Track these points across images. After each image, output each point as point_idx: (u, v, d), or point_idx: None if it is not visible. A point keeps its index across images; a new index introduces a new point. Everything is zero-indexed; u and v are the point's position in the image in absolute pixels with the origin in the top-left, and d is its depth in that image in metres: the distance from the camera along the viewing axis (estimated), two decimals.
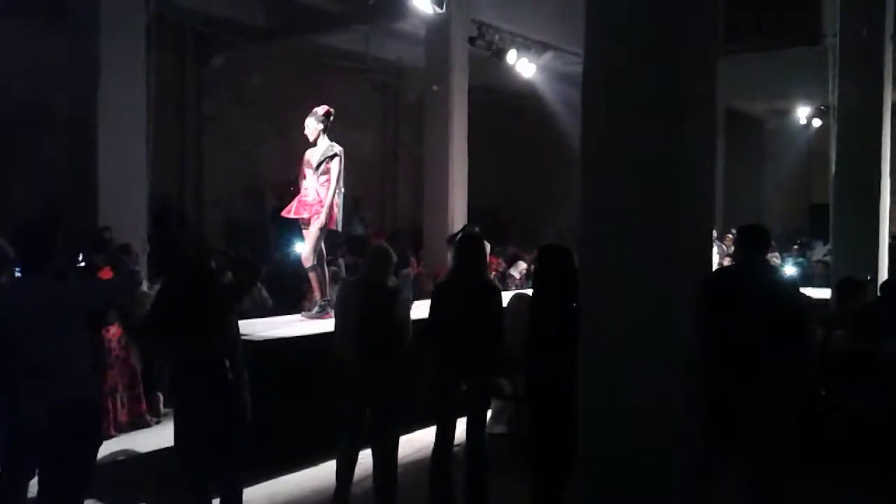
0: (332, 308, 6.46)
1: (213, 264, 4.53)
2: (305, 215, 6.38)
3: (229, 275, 5.29)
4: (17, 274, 4.11)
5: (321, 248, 6.47)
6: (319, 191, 6.35)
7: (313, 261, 6.42)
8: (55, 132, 9.64)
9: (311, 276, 6.54)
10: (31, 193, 10.14)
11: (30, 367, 3.69)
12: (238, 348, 4.22)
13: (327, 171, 6.34)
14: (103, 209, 8.38)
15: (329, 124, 6.43)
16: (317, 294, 6.63)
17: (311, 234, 6.38)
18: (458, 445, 4.90)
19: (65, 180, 9.27)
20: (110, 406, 6.46)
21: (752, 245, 4.47)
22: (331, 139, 6.46)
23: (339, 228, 6.61)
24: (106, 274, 6.80)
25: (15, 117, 10.16)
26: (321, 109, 6.42)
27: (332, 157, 6.36)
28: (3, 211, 8.87)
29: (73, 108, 8.93)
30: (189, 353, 4.07)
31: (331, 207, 6.32)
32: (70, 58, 8.80)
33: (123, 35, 8.53)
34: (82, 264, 4.07)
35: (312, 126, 6.40)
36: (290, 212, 6.46)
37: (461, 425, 4.81)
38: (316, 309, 6.56)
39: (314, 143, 6.43)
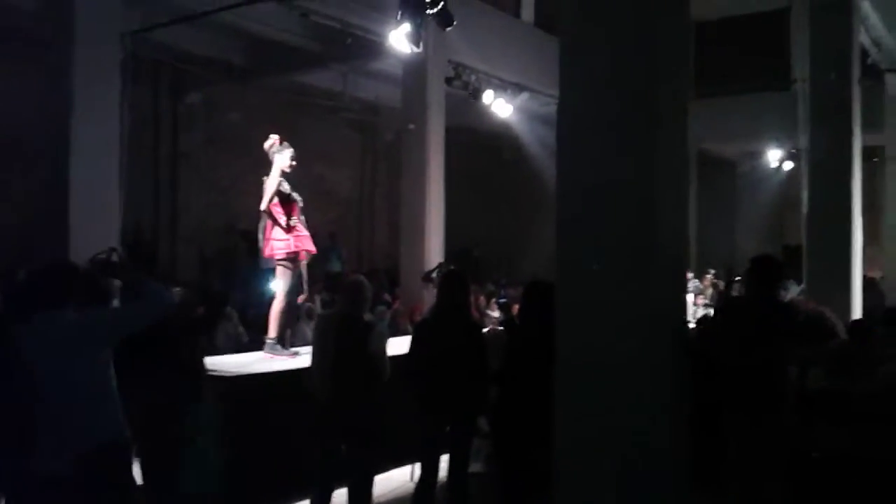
0: (280, 346, 6.32)
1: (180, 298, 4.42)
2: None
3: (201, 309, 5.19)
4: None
5: (282, 283, 6.34)
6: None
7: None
8: (27, 168, 9.53)
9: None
10: (2, 229, 9.99)
11: (53, 410, 3.45)
12: (201, 385, 4.10)
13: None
14: (74, 245, 8.24)
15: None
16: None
17: None
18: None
19: (36, 216, 9.14)
20: None
21: (759, 277, 4.53)
22: (299, 176, 6.43)
23: (264, 264, 6.39)
24: None
25: None
26: None
27: None
28: None
29: (46, 143, 8.83)
30: (148, 392, 3.95)
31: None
32: (43, 93, 8.72)
33: (98, 70, 8.47)
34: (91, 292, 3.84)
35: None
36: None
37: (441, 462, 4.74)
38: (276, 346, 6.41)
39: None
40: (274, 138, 6.42)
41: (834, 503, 5.38)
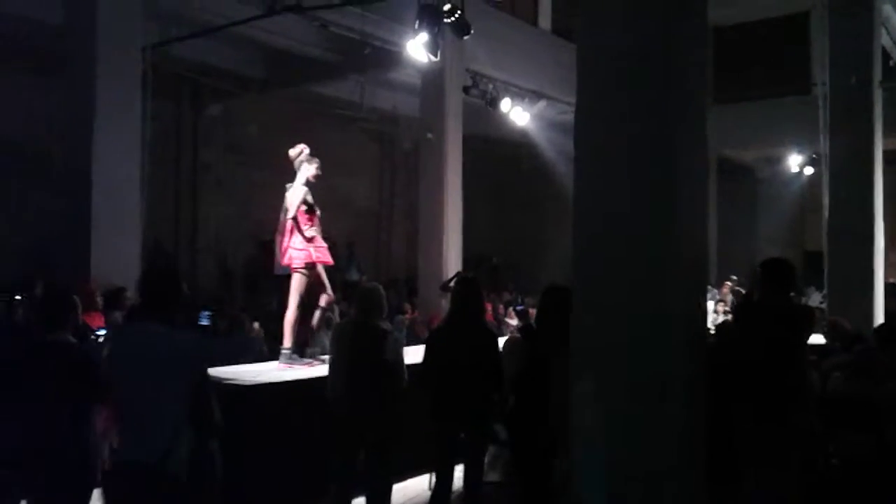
0: (296, 356, 6.28)
1: None
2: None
3: None
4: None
5: (296, 292, 6.31)
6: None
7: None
8: (50, 180, 9.66)
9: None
10: (26, 241, 10.12)
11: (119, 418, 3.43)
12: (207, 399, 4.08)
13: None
14: (95, 257, 8.34)
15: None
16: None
17: None
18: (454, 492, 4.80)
19: (58, 228, 9.26)
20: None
21: (772, 280, 4.48)
22: (317, 185, 6.44)
23: (279, 271, 6.41)
24: None
25: (10, 165, 10.20)
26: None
27: None
28: None
29: (68, 156, 8.95)
30: None
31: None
32: (66, 106, 8.84)
33: (120, 83, 8.59)
34: (205, 322, 3.80)
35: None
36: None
37: (458, 471, 4.73)
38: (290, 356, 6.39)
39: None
40: (302, 147, 6.40)
41: None
